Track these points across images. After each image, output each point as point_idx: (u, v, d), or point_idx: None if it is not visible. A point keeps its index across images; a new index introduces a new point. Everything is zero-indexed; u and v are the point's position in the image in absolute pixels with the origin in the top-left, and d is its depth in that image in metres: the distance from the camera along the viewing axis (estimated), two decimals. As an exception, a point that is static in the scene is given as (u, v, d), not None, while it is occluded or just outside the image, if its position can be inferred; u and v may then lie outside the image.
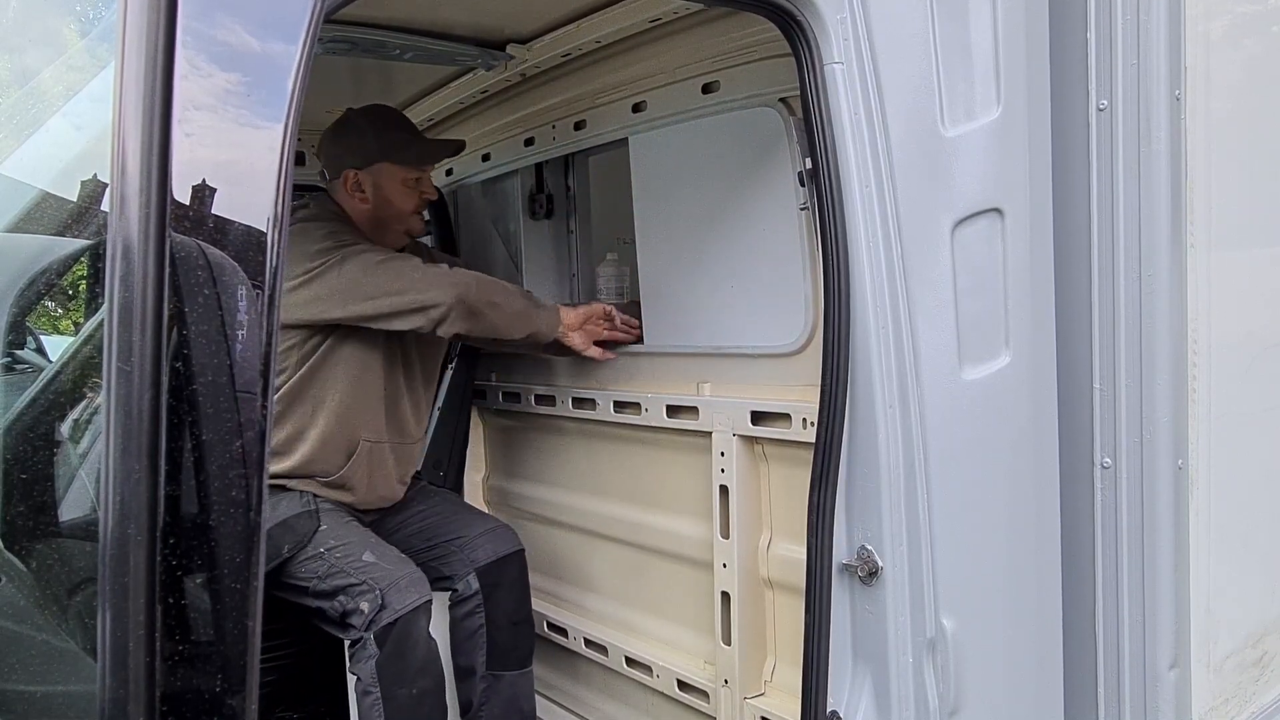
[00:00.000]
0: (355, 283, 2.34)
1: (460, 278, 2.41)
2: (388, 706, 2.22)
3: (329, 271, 2.33)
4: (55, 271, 1.66)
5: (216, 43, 1.03)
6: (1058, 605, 1.98)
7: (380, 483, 2.58)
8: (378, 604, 2.23)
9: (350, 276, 2.34)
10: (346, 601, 2.25)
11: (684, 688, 2.55)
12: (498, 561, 2.60)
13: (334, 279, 2.33)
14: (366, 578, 2.27)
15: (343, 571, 2.29)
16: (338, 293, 2.34)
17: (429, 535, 2.65)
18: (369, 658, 2.22)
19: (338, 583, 2.28)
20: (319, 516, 2.38)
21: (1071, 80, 1.92)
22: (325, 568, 2.30)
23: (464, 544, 2.61)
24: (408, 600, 2.26)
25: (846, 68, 1.66)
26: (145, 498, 0.98)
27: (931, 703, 1.75)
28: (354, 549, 2.34)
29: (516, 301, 2.49)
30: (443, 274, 2.41)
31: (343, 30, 2.30)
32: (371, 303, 2.34)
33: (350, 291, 2.34)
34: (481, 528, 2.67)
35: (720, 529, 2.37)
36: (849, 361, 1.68)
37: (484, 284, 2.44)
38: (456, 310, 2.36)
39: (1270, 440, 2.30)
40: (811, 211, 1.75)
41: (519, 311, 2.48)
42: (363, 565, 2.30)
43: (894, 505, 1.70)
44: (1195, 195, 1.96)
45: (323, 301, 2.35)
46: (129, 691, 0.99)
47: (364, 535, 2.43)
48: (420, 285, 2.35)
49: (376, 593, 2.24)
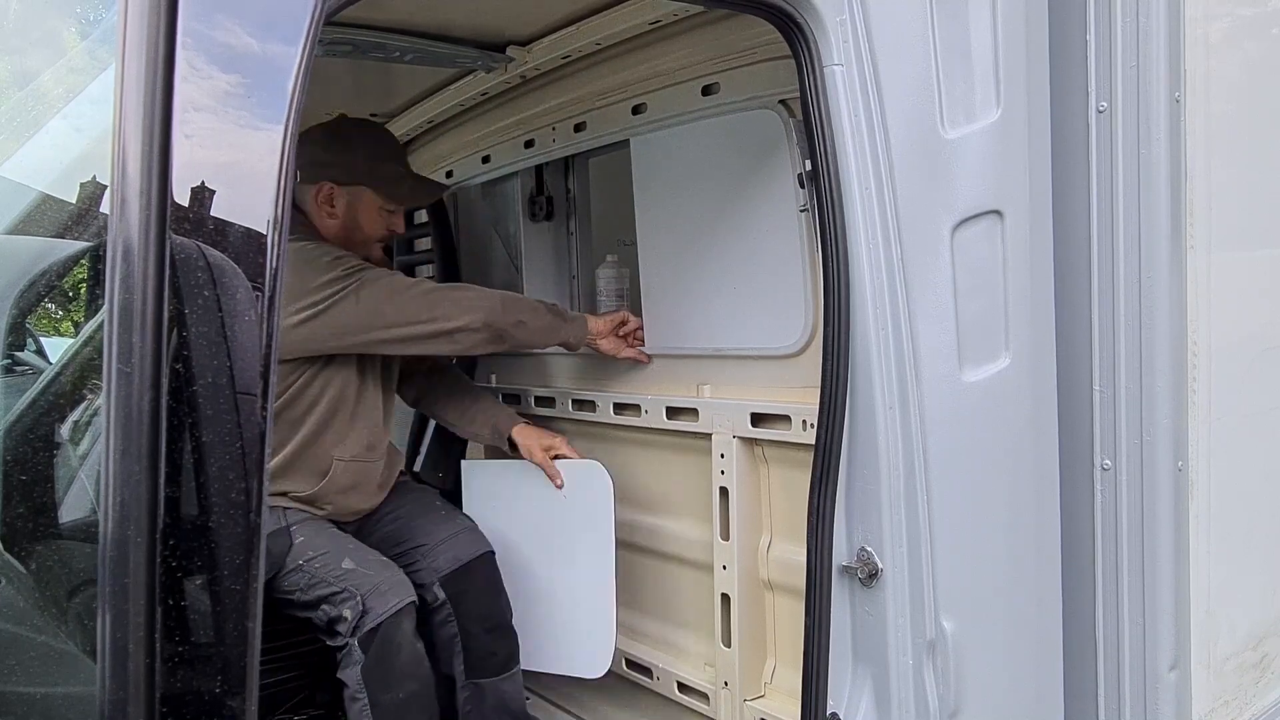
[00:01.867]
0: (376, 312, 2.27)
1: (486, 300, 2.37)
2: (375, 712, 2.20)
3: (343, 301, 2.25)
4: (55, 273, 1.66)
5: (217, 44, 1.03)
6: (1058, 607, 1.98)
7: (355, 498, 2.52)
8: (359, 610, 2.20)
9: (370, 305, 2.27)
10: (330, 610, 2.22)
11: (684, 690, 2.55)
12: (462, 568, 2.50)
13: (351, 309, 2.25)
14: (347, 585, 2.23)
15: (324, 581, 2.25)
16: (357, 323, 2.27)
17: (397, 539, 2.56)
18: (355, 664, 2.19)
19: (320, 592, 2.25)
20: (291, 533, 2.33)
21: (1071, 82, 1.93)
22: (306, 579, 2.26)
23: (426, 551, 2.52)
24: (389, 604, 2.23)
25: (846, 69, 1.66)
26: (145, 499, 0.98)
27: (932, 704, 1.75)
28: (332, 557, 2.29)
29: (542, 318, 2.46)
30: (468, 297, 2.36)
31: (343, 32, 2.30)
32: (395, 330, 2.29)
33: (371, 321, 2.27)
34: (445, 533, 2.55)
35: (720, 531, 2.37)
36: (849, 363, 1.68)
37: (509, 304, 2.40)
38: (484, 334, 2.33)
39: (1271, 442, 2.30)
40: (811, 213, 1.75)
41: (545, 327, 2.46)
42: (342, 573, 2.26)
43: (894, 507, 1.70)
44: (1195, 197, 1.96)
45: (339, 334, 2.28)
46: (129, 693, 0.99)
47: (342, 542, 2.38)
48: (446, 311, 2.31)
49: (357, 599, 2.21)
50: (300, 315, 2.23)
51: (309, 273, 2.25)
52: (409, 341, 2.33)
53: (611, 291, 2.80)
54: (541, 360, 2.97)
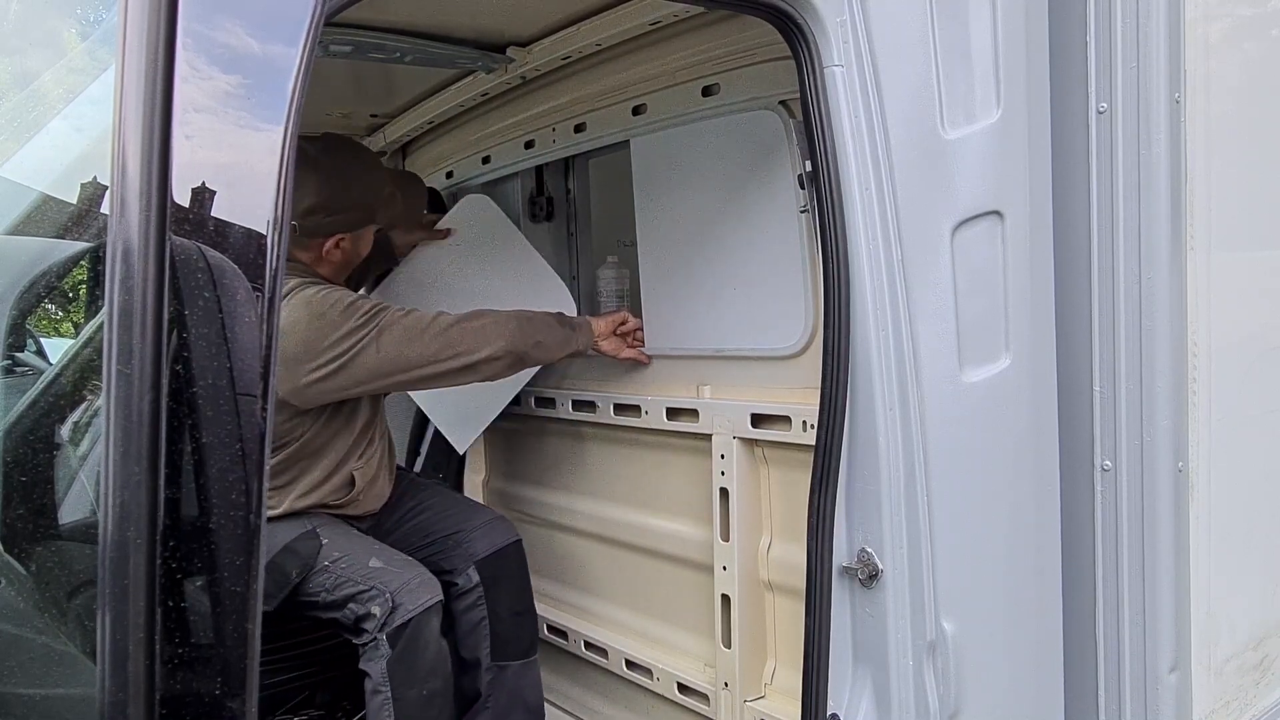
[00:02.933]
0: (399, 357, 2.27)
1: (503, 326, 2.35)
2: (397, 707, 2.23)
3: (365, 351, 2.24)
4: (55, 274, 1.66)
5: (217, 45, 1.03)
6: (1058, 608, 1.98)
7: (373, 497, 2.60)
8: (389, 606, 2.24)
9: (391, 352, 2.26)
10: (358, 609, 2.26)
11: (684, 690, 2.54)
12: (496, 554, 2.60)
13: (373, 358, 2.25)
14: (375, 583, 2.28)
15: (350, 580, 2.29)
16: (380, 370, 2.27)
17: (426, 531, 2.65)
18: (380, 657, 2.23)
19: (347, 591, 2.28)
20: (319, 534, 2.38)
21: (1071, 83, 1.93)
22: (332, 580, 2.30)
23: (462, 538, 2.60)
24: (420, 601, 2.28)
25: (846, 70, 1.66)
26: (145, 500, 0.98)
27: (932, 705, 1.75)
28: (359, 557, 2.34)
29: (556, 333, 2.46)
30: (486, 325, 2.35)
31: (343, 33, 2.30)
32: (418, 371, 2.29)
33: (395, 367, 2.27)
34: (479, 520, 2.66)
35: (720, 532, 2.37)
36: (849, 364, 1.68)
37: (524, 325, 2.39)
38: (506, 360, 2.34)
39: (1271, 442, 2.30)
40: (811, 214, 1.75)
41: (559, 341, 2.46)
42: (370, 571, 2.31)
43: (894, 508, 1.69)
44: (1195, 198, 1.96)
45: (364, 382, 2.29)
46: (129, 694, 0.98)
47: (368, 543, 2.44)
48: (468, 345, 2.30)
49: (387, 596, 2.25)
50: (323, 371, 2.23)
51: (323, 326, 2.23)
52: (433, 379, 2.35)
53: (612, 292, 2.80)
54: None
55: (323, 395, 2.31)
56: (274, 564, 2.28)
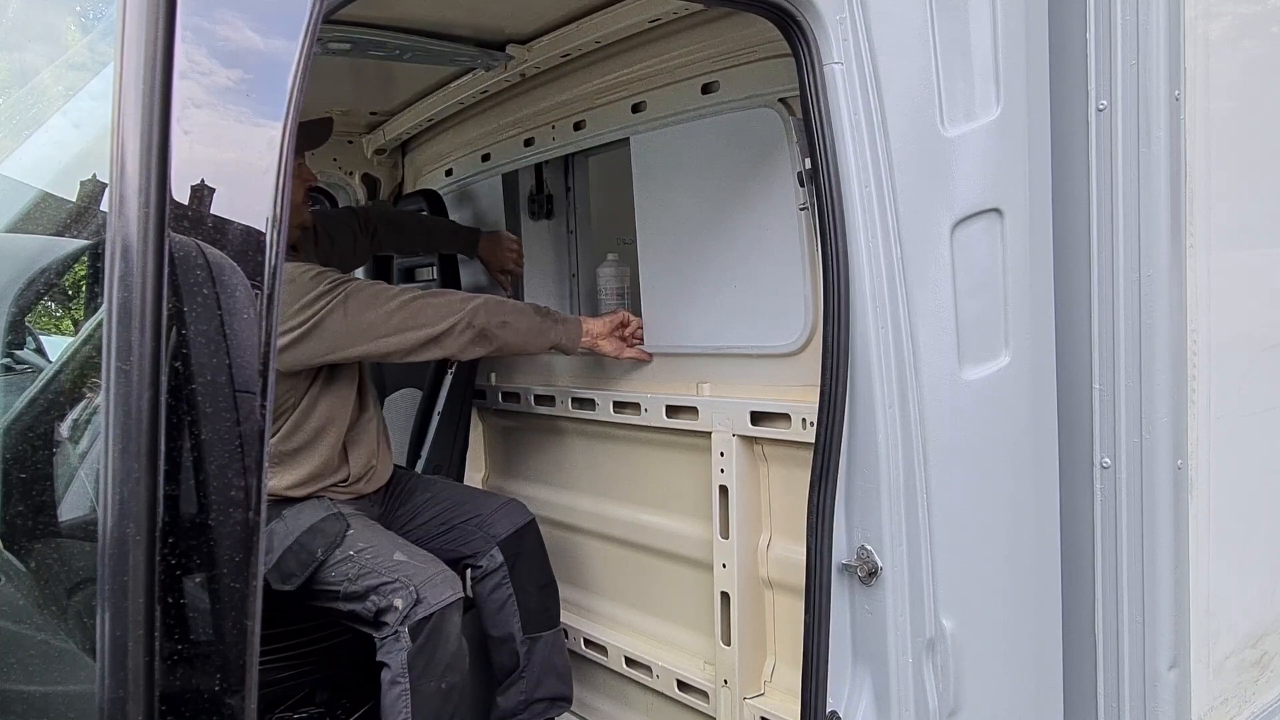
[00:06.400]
0: (366, 324, 2.32)
1: (469, 303, 2.41)
2: (415, 699, 2.25)
3: (332, 315, 2.30)
4: (55, 271, 1.66)
5: (216, 41, 1.03)
6: (1057, 605, 1.98)
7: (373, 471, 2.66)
8: (412, 599, 2.27)
9: (359, 317, 2.32)
10: (380, 600, 2.28)
11: (684, 688, 2.55)
12: (516, 533, 2.69)
13: (339, 322, 2.31)
14: (399, 575, 2.31)
15: (374, 571, 2.32)
16: (347, 335, 2.32)
17: (444, 519, 2.72)
18: (400, 649, 2.25)
19: (370, 582, 2.31)
20: (345, 519, 2.42)
21: (1071, 80, 1.92)
22: (356, 569, 2.33)
23: (481, 521, 2.69)
24: (443, 596, 2.30)
25: (846, 68, 1.66)
26: (144, 497, 0.98)
27: (931, 703, 1.75)
28: (384, 549, 2.37)
29: (529, 319, 2.50)
30: (451, 301, 2.42)
31: (343, 30, 2.30)
32: (385, 341, 2.34)
33: (362, 333, 2.33)
34: (494, 504, 2.75)
35: (720, 529, 2.37)
36: (848, 361, 1.68)
37: (493, 306, 2.44)
38: (468, 334, 2.38)
39: (1270, 440, 2.30)
40: (811, 212, 1.75)
41: (532, 328, 2.50)
42: (394, 564, 2.33)
43: (893, 505, 1.70)
44: (1195, 195, 1.96)
45: (331, 349, 2.34)
46: (128, 691, 0.98)
47: (391, 536, 2.49)
48: (430, 317, 2.36)
49: (411, 589, 2.28)
50: (292, 335, 2.28)
51: (293, 290, 2.30)
52: (397, 353, 2.38)
53: (611, 290, 2.80)
54: (541, 359, 2.97)
55: (294, 362, 2.34)
56: (299, 544, 2.35)
